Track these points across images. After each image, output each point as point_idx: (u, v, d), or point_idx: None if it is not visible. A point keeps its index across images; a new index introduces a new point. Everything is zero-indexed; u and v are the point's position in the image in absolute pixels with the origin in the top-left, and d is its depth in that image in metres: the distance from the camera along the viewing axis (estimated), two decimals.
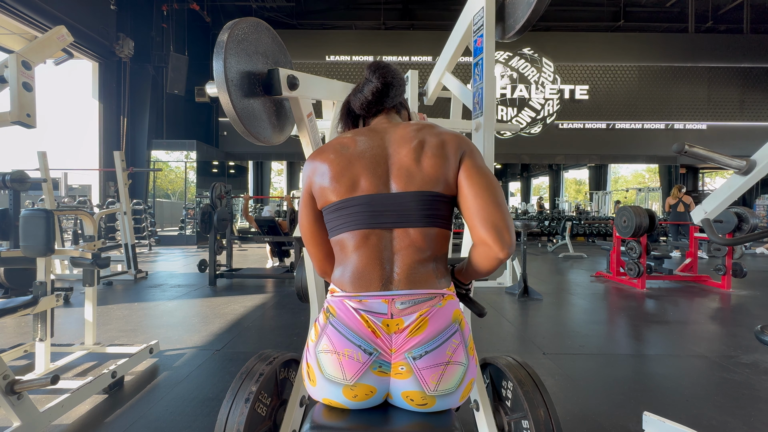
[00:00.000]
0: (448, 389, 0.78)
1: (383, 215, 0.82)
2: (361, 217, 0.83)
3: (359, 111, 1.00)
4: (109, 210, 5.48)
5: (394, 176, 0.84)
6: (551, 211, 13.04)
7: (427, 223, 0.83)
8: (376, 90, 0.95)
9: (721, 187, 1.38)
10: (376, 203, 0.83)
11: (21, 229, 1.83)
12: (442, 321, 0.80)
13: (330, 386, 0.79)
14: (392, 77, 0.95)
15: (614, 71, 12.12)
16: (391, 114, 1.00)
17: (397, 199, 0.83)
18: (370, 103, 0.96)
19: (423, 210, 0.83)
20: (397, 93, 0.97)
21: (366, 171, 0.84)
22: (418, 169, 0.84)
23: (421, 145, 0.85)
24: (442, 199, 0.85)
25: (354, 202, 0.83)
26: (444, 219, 0.86)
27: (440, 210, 0.85)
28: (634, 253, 4.79)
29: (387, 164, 0.85)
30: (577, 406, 1.93)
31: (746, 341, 2.89)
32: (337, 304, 0.82)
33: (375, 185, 0.83)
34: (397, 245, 0.82)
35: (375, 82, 0.95)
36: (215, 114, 12.63)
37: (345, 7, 12.92)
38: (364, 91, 0.97)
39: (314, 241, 0.93)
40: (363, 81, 0.99)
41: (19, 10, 7.09)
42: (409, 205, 0.82)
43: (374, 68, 0.96)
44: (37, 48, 1.71)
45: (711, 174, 15.83)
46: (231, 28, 1.08)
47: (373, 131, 0.91)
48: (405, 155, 0.85)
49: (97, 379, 1.92)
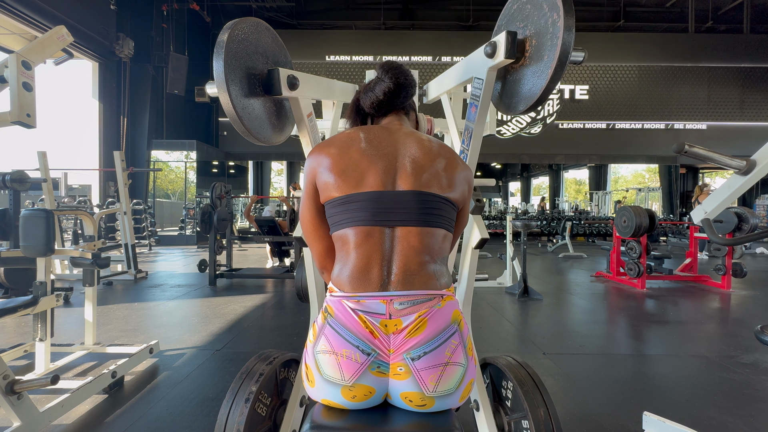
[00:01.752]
0: (447, 390, 0.78)
1: (388, 213, 0.82)
2: (365, 214, 0.82)
3: (369, 110, 1.00)
4: (109, 210, 5.48)
5: (401, 176, 0.84)
6: (551, 211, 13.03)
7: (431, 224, 0.84)
8: (388, 90, 0.95)
9: (721, 187, 1.38)
10: (382, 200, 0.83)
11: (21, 229, 1.83)
12: (441, 322, 0.79)
13: (328, 387, 0.79)
14: (404, 78, 0.95)
15: (614, 71, 12.12)
16: (400, 115, 1.00)
17: (402, 197, 0.83)
18: (381, 102, 0.97)
19: (427, 210, 0.83)
20: (408, 94, 0.97)
21: (374, 168, 0.84)
22: (428, 172, 0.85)
23: (435, 156, 0.88)
24: (447, 203, 0.86)
25: (359, 198, 0.83)
26: (447, 221, 0.87)
27: (444, 212, 0.86)
28: (634, 253, 4.79)
29: (396, 164, 0.86)
30: (577, 406, 1.93)
31: (746, 341, 2.89)
32: (335, 304, 0.82)
33: (382, 182, 0.83)
34: (399, 244, 0.82)
35: (387, 82, 0.95)
36: (215, 114, 12.63)
37: (345, 7, 12.93)
38: (376, 90, 0.97)
39: (316, 234, 0.92)
40: (375, 80, 0.99)
41: (19, 10, 7.09)
42: (414, 205, 0.83)
43: (387, 68, 0.96)
44: (37, 48, 1.70)
45: (711, 174, 15.83)
46: (231, 28, 1.08)
47: (386, 130, 0.92)
48: (417, 158, 0.86)
49: (97, 379, 1.92)
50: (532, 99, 1.10)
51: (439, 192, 0.85)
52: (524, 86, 1.13)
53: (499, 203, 19.09)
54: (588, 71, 12.11)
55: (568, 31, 0.96)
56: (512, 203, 20.49)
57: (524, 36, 1.13)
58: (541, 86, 1.04)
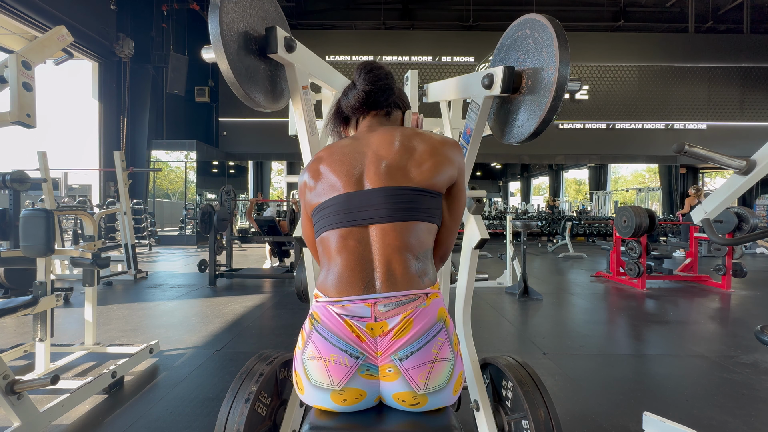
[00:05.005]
0: (438, 386, 0.78)
1: (358, 212, 0.83)
2: (338, 217, 0.84)
3: (347, 112, 1.02)
4: (109, 210, 5.48)
5: (368, 174, 0.85)
6: (552, 212, 13.04)
7: (407, 218, 0.83)
8: (359, 97, 0.96)
9: (721, 187, 1.38)
10: (351, 201, 0.84)
11: (21, 229, 1.83)
12: (427, 321, 0.79)
13: (317, 392, 0.79)
14: (375, 85, 0.95)
15: (614, 71, 12.12)
16: (379, 116, 1.00)
17: (371, 195, 0.83)
18: (354, 107, 0.99)
19: (400, 205, 0.83)
20: (379, 99, 0.97)
21: (343, 173, 0.86)
22: (397, 166, 0.85)
23: (405, 148, 0.87)
24: (423, 193, 0.85)
25: (332, 202, 0.85)
26: (427, 212, 0.85)
27: (422, 203, 0.85)
28: (634, 253, 4.79)
29: (363, 164, 0.87)
30: (577, 406, 1.93)
31: (746, 341, 2.88)
32: (321, 310, 0.82)
33: (349, 184, 0.85)
34: (377, 244, 0.82)
35: (358, 89, 0.96)
36: (215, 114, 12.62)
37: (345, 7, 12.93)
38: (349, 96, 0.99)
39: (311, 244, 1.04)
40: (350, 85, 1.00)
41: (19, 10, 7.08)
42: (384, 201, 0.82)
43: (360, 71, 0.96)
44: (37, 48, 1.70)
45: (711, 174, 15.83)
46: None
47: (355, 138, 0.94)
48: (385, 154, 0.87)
49: (97, 379, 1.92)
50: (523, 135, 1.14)
51: (413, 184, 0.84)
52: (519, 119, 1.16)
53: (499, 203, 19.08)
54: (588, 71, 12.11)
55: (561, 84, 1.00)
56: (512, 203, 20.48)
57: (522, 69, 1.14)
58: (535, 124, 1.09)
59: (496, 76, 1.14)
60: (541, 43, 1.06)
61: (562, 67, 0.99)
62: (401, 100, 1.05)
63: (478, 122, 1.25)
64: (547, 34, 1.03)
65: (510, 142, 1.22)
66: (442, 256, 0.97)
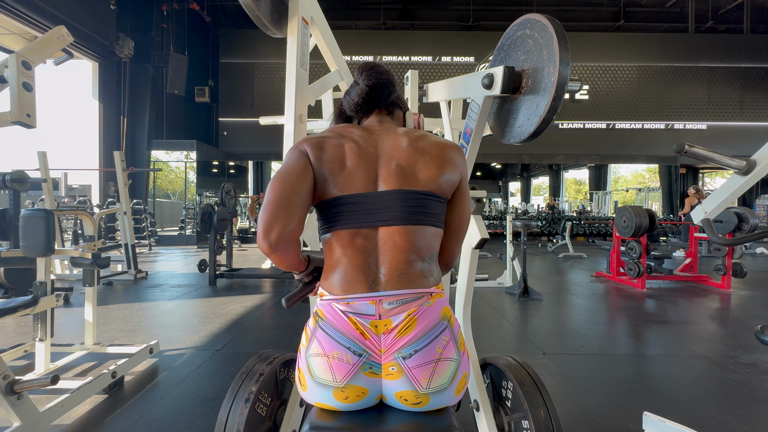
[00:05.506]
0: (440, 385, 0.78)
1: (373, 214, 0.83)
2: (351, 216, 0.83)
3: (350, 112, 1.01)
4: (109, 210, 5.48)
5: (383, 175, 0.84)
6: (552, 212, 13.04)
7: (417, 222, 0.83)
8: (363, 92, 0.95)
9: (721, 187, 1.38)
10: (367, 202, 0.83)
11: (21, 229, 1.83)
12: (431, 319, 0.80)
13: (320, 389, 0.79)
14: (377, 79, 0.95)
15: (614, 71, 12.12)
16: (382, 114, 1.00)
17: (386, 197, 0.83)
18: (357, 105, 0.98)
19: (412, 209, 0.83)
20: (383, 95, 0.97)
21: (359, 169, 0.84)
22: (410, 169, 0.85)
23: (415, 150, 0.87)
24: (433, 198, 0.85)
25: (348, 200, 0.83)
26: (435, 217, 0.86)
27: (431, 209, 0.85)
28: (634, 253, 4.79)
29: (378, 164, 0.86)
30: (577, 406, 1.93)
31: (746, 341, 2.88)
32: (326, 307, 0.82)
33: (366, 184, 0.84)
34: (385, 245, 0.82)
35: (361, 85, 0.96)
36: (215, 114, 12.62)
37: (345, 7, 12.92)
38: (352, 94, 0.98)
39: (287, 204, 0.78)
40: (352, 84, 1.00)
41: (19, 10, 7.08)
42: (398, 204, 0.82)
43: (361, 70, 0.97)
44: (37, 48, 1.70)
45: (711, 174, 15.83)
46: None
47: (367, 131, 0.92)
48: (398, 156, 0.86)
49: (97, 379, 1.92)
50: (523, 135, 1.15)
51: (423, 188, 0.84)
52: (519, 119, 1.16)
53: (499, 203, 19.07)
54: (588, 71, 12.11)
55: (561, 85, 1.01)
56: (512, 203, 20.47)
57: (522, 69, 1.14)
58: (535, 124, 1.09)
59: (496, 76, 1.14)
60: (541, 43, 1.06)
61: (563, 67, 0.99)
62: (401, 100, 1.06)
63: (478, 122, 1.25)
64: (548, 34, 1.03)
65: (510, 143, 1.23)
66: (447, 263, 0.96)
